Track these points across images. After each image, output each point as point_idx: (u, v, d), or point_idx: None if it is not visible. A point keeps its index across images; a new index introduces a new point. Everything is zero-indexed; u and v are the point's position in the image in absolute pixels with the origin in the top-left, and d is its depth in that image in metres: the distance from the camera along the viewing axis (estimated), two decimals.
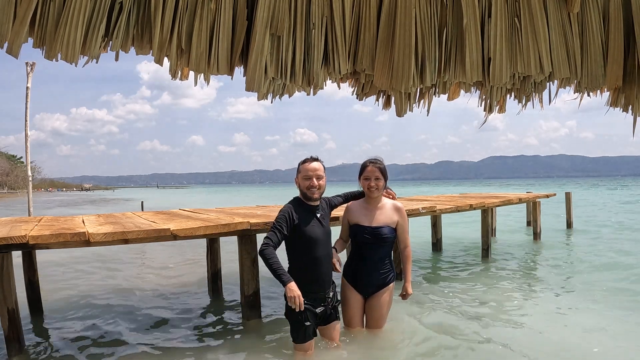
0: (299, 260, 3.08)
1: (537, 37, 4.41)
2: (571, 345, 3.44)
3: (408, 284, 3.35)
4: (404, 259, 3.40)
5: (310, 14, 4.22)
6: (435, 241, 8.45)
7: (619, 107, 4.91)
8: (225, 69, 4.11)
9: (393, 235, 3.31)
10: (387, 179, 3.33)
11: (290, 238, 3.05)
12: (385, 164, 3.35)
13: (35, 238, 2.94)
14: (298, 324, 3.02)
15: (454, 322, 3.97)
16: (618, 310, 4.37)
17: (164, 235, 3.30)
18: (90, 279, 6.24)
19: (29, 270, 4.53)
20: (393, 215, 3.31)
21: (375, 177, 3.25)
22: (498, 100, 5.12)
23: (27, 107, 7.88)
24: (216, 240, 5.52)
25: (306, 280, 3.02)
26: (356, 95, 5.09)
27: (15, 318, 3.09)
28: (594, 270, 6.39)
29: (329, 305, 3.14)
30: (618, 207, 20.70)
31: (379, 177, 3.25)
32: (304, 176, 3.06)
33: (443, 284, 5.49)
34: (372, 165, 3.27)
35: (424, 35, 4.33)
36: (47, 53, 3.50)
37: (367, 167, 3.28)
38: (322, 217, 3.17)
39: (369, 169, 3.26)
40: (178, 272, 6.64)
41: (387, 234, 3.26)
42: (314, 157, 3.14)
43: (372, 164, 3.27)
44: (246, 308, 3.86)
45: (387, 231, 3.26)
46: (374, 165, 3.27)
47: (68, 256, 7.80)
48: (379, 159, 3.33)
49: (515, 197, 8.95)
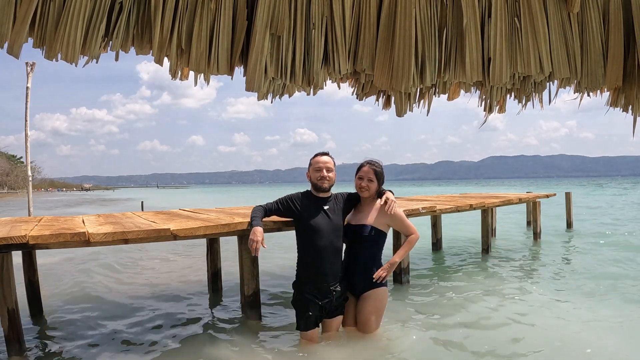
0: (303, 250, 3.21)
1: (537, 37, 4.41)
2: (572, 344, 3.44)
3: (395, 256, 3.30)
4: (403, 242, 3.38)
5: (310, 14, 4.22)
6: (435, 241, 8.45)
7: (619, 107, 4.91)
8: (225, 69, 4.11)
9: (375, 236, 3.25)
10: (383, 183, 3.33)
11: (296, 229, 3.27)
12: (383, 168, 3.34)
13: (35, 238, 2.94)
14: (301, 312, 3.15)
15: (453, 322, 3.97)
16: (619, 310, 4.37)
17: (164, 235, 3.30)
18: (90, 279, 6.23)
19: (29, 270, 4.52)
20: (380, 217, 3.27)
21: (368, 179, 3.26)
22: (498, 100, 5.12)
23: (27, 107, 7.88)
24: (216, 240, 5.52)
25: (310, 271, 3.15)
26: (356, 95, 5.09)
27: (15, 318, 3.09)
28: (595, 270, 6.39)
29: (334, 298, 3.17)
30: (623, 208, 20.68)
31: (372, 179, 3.26)
32: (315, 168, 3.22)
33: (443, 284, 5.49)
34: (368, 166, 3.29)
35: (424, 35, 4.33)
36: (47, 53, 3.50)
37: (364, 167, 3.30)
38: (332, 210, 3.23)
39: (364, 169, 3.29)
40: (178, 272, 6.64)
41: (366, 233, 3.23)
42: (325, 152, 3.31)
43: (369, 165, 3.29)
44: (246, 308, 3.86)
45: (367, 230, 3.23)
46: (371, 166, 3.29)
47: (68, 256, 7.79)
48: (378, 161, 3.34)
49: (515, 197, 8.95)
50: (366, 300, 3.27)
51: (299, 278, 3.23)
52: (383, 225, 3.30)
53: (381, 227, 3.29)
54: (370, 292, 3.25)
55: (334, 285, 3.17)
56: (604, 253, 7.76)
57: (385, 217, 3.28)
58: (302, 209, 3.21)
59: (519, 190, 28.85)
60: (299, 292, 3.20)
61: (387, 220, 3.30)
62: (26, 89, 7.84)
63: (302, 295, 3.16)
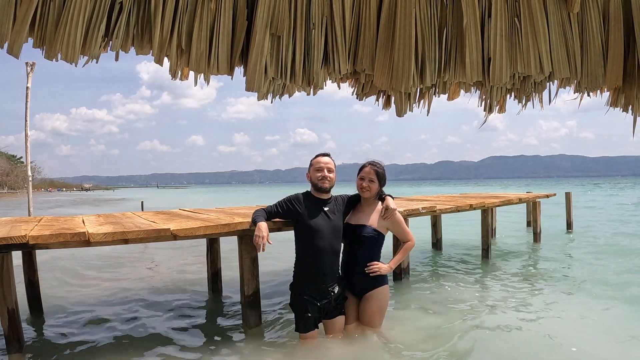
0: (302, 251, 3.20)
1: (537, 37, 4.41)
2: (572, 343, 3.43)
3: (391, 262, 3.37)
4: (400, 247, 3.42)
5: (310, 14, 4.22)
6: (435, 241, 8.45)
7: (619, 107, 4.91)
8: (225, 69, 4.11)
9: (375, 236, 3.26)
10: (384, 184, 3.34)
11: (295, 230, 3.26)
12: (385, 169, 3.35)
13: (35, 238, 2.93)
14: (300, 314, 3.15)
15: (452, 322, 3.97)
16: (621, 309, 4.38)
17: (164, 235, 3.29)
18: (90, 280, 6.23)
19: (29, 270, 4.52)
20: (381, 219, 3.28)
21: (370, 179, 3.27)
22: (498, 100, 5.12)
23: (27, 107, 7.88)
24: (216, 240, 5.52)
25: (309, 271, 3.14)
26: (356, 95, 5.09)
27: (15, 318, 3.08)
28: (595, 269, 6.39)
29: (333, 299, 3.17)
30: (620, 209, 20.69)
31: (374, 179, 3.27)
32: (316, 168, 3.23)
33: (443, 284, 5.49)
34: (370, 167, 3.30)
35: (424, 35, 4.33)
36: (47, 53, 3.50)
37: (365, 167, 3.32)
38: (332, 211, 3.23)
39: (366, 170, 3.30)
40: (178, 272, 6.64)
41: (366, 233, 3.23)
42: (326, 152, 3.32)
43: (371, 166, 3.31)
44: (246, 308, 3.85)
45: (367, 230, 3.24)
46: (372, 167, 3.30)
47: (68, 256, 7.79)
48: (380, 162, 3.35)
49: (515, 197, 8.94)
50: (369, 301, 3.28)
51: (297, 279, 3.23)
52: (382, 228, 3.31)
53: (380, 229, 3.30)
54: (373, 293, 3.27)
55: (333, 286, 3.17)
56: (604, 253, 7.76)
57: (385, 221, 3.30)
58: (302, 209, 3.21)
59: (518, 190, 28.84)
60: (297, 294, 3.20)
61: (387, 224, 3.32)
62: (26, 89, 7.84)
63: (300, 296, 3.15)
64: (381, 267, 3.23)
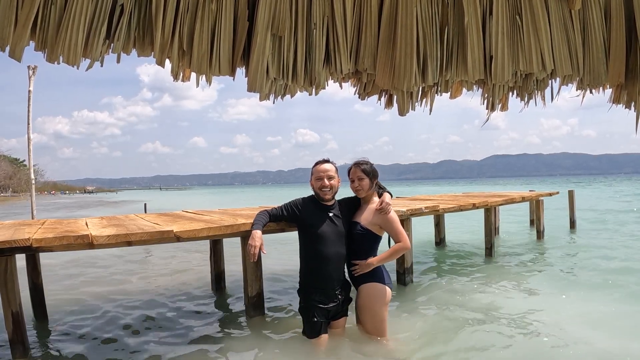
0: (308, 256, 3.17)
1: (539, 34, 4.40)
2: (577, 341, 3.42)
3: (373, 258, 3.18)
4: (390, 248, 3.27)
5: (311, 14, 4.22)
6: (439, 240, 8.43)
7: (622, 104, 4.90)
8: (227, 70, 4.11)
9: (362, 233, 3.20)
10: (376, 177, 3.31)
11: (300, 234, 3.24)
12: (371, 164, 3.31)
13: (38, 241, 2.93)
14: (308, 318, 3.13)
15: (455, 321, 3.96)
16: (625, 305, 4.36)
17: (167, 237, 3.29)
18: (94, 282, 6.24)
19: (32, 273, 4.53)
20: (373, 216, 3.23)
21: (358, 177, 3.25)
22: (500, 98, 5.11)
23: (29, 110, 7.88)
24: (219, 242, 5.52)
25: (316, 277, 3.12)
26: (358, 94, 5.08)
27: (20, 321, 3.08)
28: (597, 268, 6.36)
29: (340, 302, 3.18)
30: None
31: (362, 176, 3.24)
32: (316, 177, 3.20)
33: (446, 283, 5.47)
34: (354, 167, 3.29)
35: (425, 34, 4.32)
36: (48, 56, 3.50)
37: (350, 169, 3.31)
38: (337, 216, 3.20)
39: (351, 171, 3.30)
40: (182, 274, 6.64)
41: (355, 230, 3.21)
42: (325, 159, 3.27)
43: (355, 166, 3.29)
44: (250, 309, 3.86)
45: (356, 227, 3.22)
46: (356, 166, 3.28)
47: (71, 259, 7.81)
48: (363, 159, 3.32)
49: (518, 195, 8.92)
50: (358, 298, 3.25)
51: (304, 285, 3.18)
52: (374, 227, 3.22)
53: (372, 227, 3.22)
54: (359, 289, 3.23)
55: (340, 289, 3.17)
56: (608, 251, 7.73)
57: (377, 218, 3.21)
58: (307, 215, 3.18)
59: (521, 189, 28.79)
60: (305, 300, 3.16)
61: (379, 222, 3.21)
62: (28, 92, 7.84)
63: (309, 302, 3.12)
64: (360, 264, 3.17)
